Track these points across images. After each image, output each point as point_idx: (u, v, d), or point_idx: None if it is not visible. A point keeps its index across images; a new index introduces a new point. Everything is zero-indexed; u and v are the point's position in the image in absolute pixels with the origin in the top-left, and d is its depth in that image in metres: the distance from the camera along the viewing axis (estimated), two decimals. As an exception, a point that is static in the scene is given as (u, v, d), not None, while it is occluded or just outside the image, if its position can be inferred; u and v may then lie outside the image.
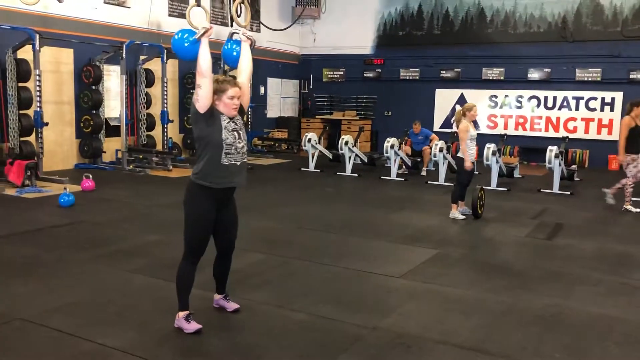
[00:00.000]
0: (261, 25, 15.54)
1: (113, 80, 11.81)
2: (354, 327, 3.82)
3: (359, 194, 9.39)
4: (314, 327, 3.80)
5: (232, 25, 13.68)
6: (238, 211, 3.81)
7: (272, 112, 16.60)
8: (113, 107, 11.87)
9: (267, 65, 15.88)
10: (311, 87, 17.29)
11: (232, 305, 3.96)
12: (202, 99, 3.39)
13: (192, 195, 3.55)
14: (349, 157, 11.49)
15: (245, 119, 15.84)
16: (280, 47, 16.31)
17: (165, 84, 11.95)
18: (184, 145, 13.46)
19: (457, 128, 7.40)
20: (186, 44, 3.58)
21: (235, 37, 3.77)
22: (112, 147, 11.72)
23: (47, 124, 9.68)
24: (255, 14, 15.30)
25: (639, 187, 8.67)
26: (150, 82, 12.31)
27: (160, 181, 10.06)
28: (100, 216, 7.04)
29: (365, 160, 12.23)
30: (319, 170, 11.68)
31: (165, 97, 11.98)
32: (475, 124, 14.90)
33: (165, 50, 11.75)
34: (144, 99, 12.20)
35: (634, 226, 7.32)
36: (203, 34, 3.43)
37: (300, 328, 3.80)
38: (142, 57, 12.10)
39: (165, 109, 12.01)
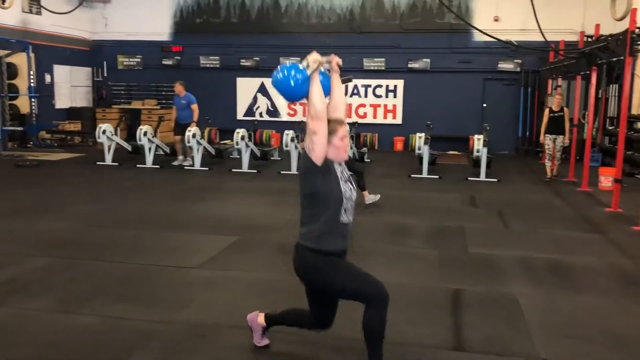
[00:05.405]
0: (42, 8, 14.08)
1: None
2: (149, 323, 3.72)
3: (159, 187, 9.08)
4: (104, 330, 3.61)
5: (3, 3, 12.16)
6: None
7: (62, 102, 15.21)
8: None
9: (53, 51, 14.50)
10: (105, 75, 16.18)
11: None
12: (319, 147, 2.79)
13: (316, 261, 3.02)
14: (149, 148, 11.06)
15: (29, 110, 14.06)
16: (67, 31, 14.97)
17: None
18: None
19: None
20: (292, 83, 2.87)
21: (325, 66, 3.06)
22: None
23: None
24: (35, -5, 13.82)
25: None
26: None
27: None
28: None
29: (168, 151, 11.89)
30: (116, 164, 11.05)
31: None
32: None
33: None
34: None
35: (412, 200, 8.19)
36: (316, 69, 2.85)
37: (89, 332, 3.58)
38: None
39: None
